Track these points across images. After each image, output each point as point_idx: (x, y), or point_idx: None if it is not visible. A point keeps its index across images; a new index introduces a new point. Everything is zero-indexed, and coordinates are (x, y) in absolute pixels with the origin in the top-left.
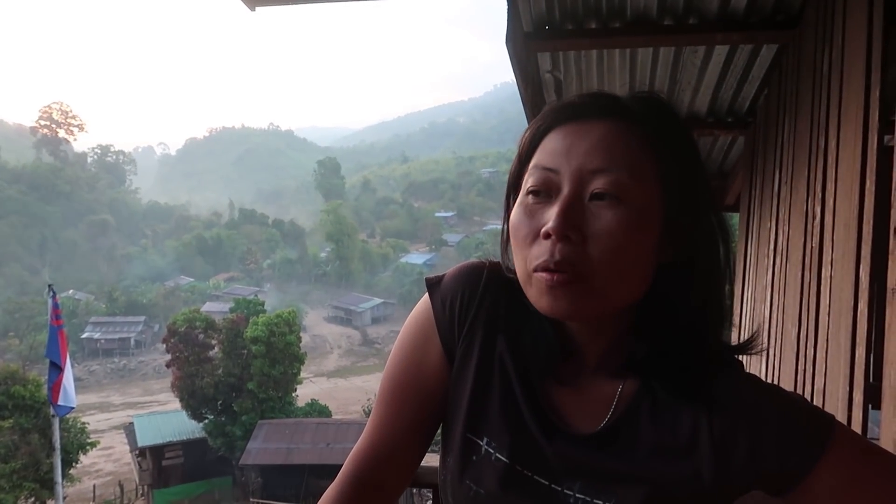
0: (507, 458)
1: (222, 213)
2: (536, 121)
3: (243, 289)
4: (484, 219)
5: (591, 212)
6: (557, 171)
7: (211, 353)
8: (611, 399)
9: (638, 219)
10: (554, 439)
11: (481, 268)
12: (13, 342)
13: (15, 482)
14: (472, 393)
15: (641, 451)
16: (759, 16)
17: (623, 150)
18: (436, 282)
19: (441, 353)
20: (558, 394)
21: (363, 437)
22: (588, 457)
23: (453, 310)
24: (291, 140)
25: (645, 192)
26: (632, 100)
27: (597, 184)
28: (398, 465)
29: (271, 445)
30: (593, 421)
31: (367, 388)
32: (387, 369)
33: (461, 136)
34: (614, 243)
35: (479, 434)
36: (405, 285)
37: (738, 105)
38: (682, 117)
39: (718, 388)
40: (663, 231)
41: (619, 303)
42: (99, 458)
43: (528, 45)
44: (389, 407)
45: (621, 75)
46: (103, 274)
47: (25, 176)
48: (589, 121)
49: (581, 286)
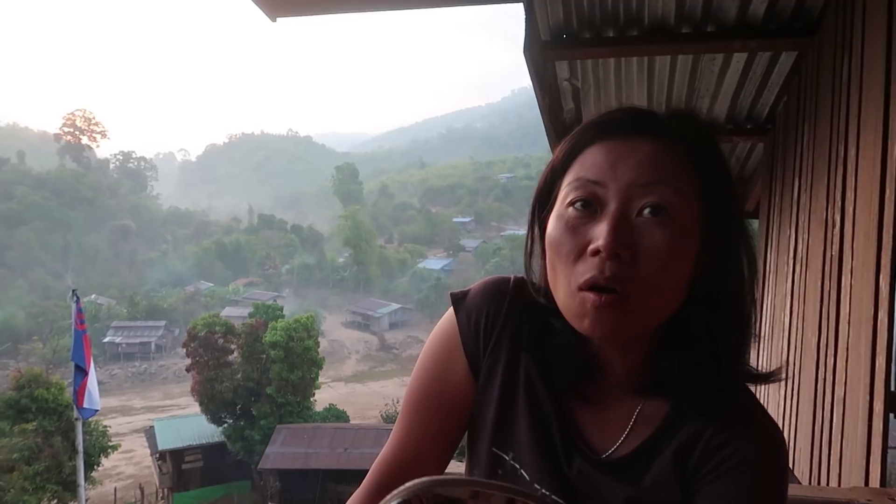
0: (528, 475)
1: (242, 219)
2: (575, 134)
3: (262, 294)
4: (501, 224)
5: (640, 229)
6: (604, 185)
7: (230, 358)
8: (627, 420)
9: (683, 236)
10: (573, 459)
11: (506, 283)
12: (37, 346)
13: (38, 484)
14: (497, 408)
15: (648, 478)
16: (777, 23)
17: (669, 167)
18: (461, 297)
19: (466, 368)
20: (581, 412)
21: (387, 447)
22: (600, 479)
23: (478, 326)
24: (310, 146)
25: (688, 209)
26: (670, 118)
27: (647, 199)
28: (422, 474)
29: (289, 450)
30: (609, 442)
31: (385, 393)
32: (412, 381)
33: (479, 141)
34: (661, 262)
35: (505, 448)
36: (423, 290)
37: (757, 112)
38: (714, 136)
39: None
40: (700, 248)
41: (657, 321)
42: (120, 461)
43: (546, 54)
44: (414, 418)
45: (639, 83)
46: (125, 279)
47: (49, 182)
48: (633, 137)
49: (626, 306)
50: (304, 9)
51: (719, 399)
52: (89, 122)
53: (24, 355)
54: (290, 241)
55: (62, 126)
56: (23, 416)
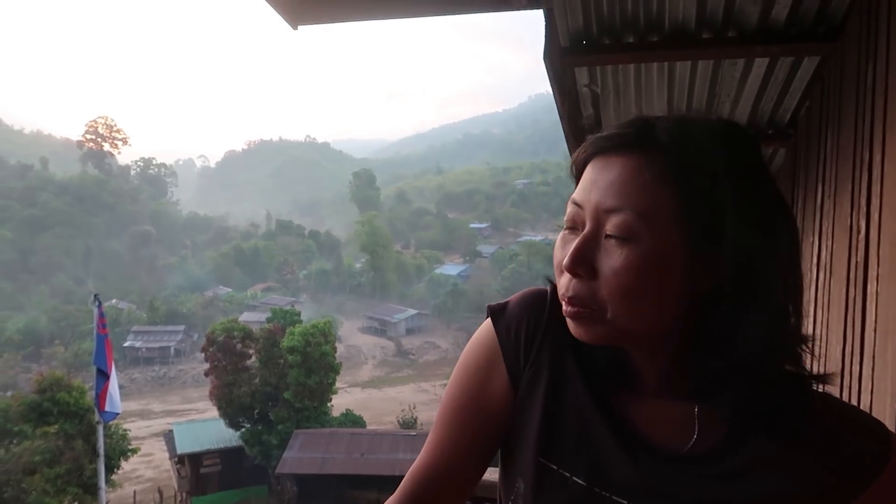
0: (583, 481)
1: (260, 225)
2: (579, 151)
3: (280, 299)
4: (518, 230)
5: (605, 249)
6: (582, 207)
7: (248, 363)
8: (690, 422)
9: (648, 258)
10: (638, 456)
11: (544, 293)
12: (59, 350)
13: (59, 486)
14: (542, 417)
15: (727, 476)
16: (799, 28)
17: (635, 187)
18: (499, 309)
19: (506, 379)
20: (633, 413)
21: (422, 456)
22: (673, 475)
23: (519, 337)
24: (328, 152)
25: (658, 230)
26: (664, 125)
27: (609, 223)
28: (456, 485)
29: (307, 455)
30: (677, 441)
31: (401, 398)
32: (448, 391)
33: (496, 147)
34: (620, 282)
35: (552, 457)
36: (439, 296)
37: (779, 117)
38: (728, 138)
39: (789, 414)
40: (692, 264)
41: (641, 332)
42: (139, 465)
43: (566, 60)
44: (449, 428)
45: (659, 89)
46: (145, 283)
47: (72, 188)
48: (612, 155)
49: (594, 316)
50: (326, 16)
51: (763, 404)
52: (111, 129)
53: (47, 359)
54: (308, 246)
55: (84, 133)
56: (45, 419)
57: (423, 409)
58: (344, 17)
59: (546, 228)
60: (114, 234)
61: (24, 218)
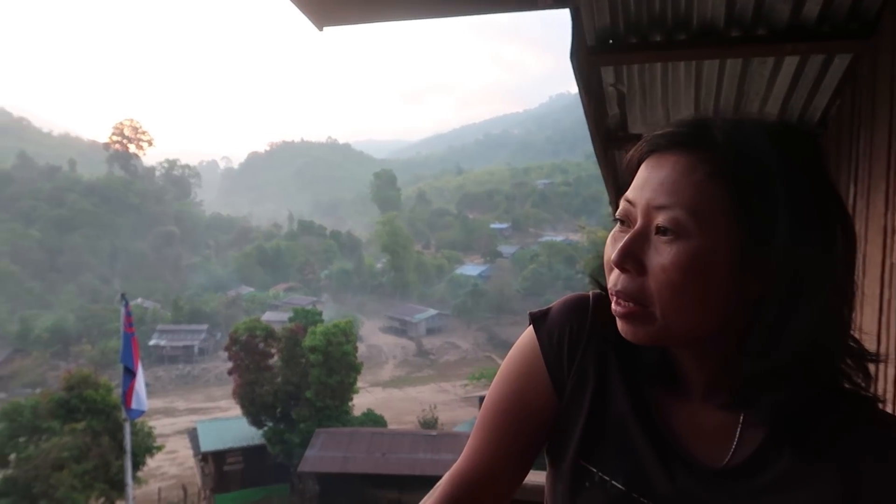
0: (622, 486)
1: (282, 225)
2: (634, 150)
3: (301, 299)
4: (539, 230)
5: (655, 246)
6: (634, 204)
7: (270, 362)
8: (731, 432)
9: (697, 256)
10: (673, 468)
11: (586, 299)
12: (86, 348)
13: (86, 482)
14: (586, 421)
15: (761, 492)
16: (831, 24)
17: (687, 185)
18: (541, 316)
19: (549, 386)
20: (675, 420)
21: (461, 461)
22: (708, 491)
23: (562, 344)
24: (349, 153)
25: (708, 229)
26: (720, 127)
27: (658, 220)
28: (495, 489)
29: (328, 454)
30: (715, 453)
31: (422, 398)
32: (489, 396)
33: (516, 147)
34: (669, 279)
35: (592, 461)
36: (459, 296)
37: (809, 116)
38: (784, 140)
39: (849, 439)
40: (742, 264)
41: (688, 333)
42: (164, 462)
43: (592, 60)
44: (490, 433)
45: (686, 88)
46: (169, 283)
47: (98, 189)
48: (665, 153)
49: (644, 316)
50: (351, 17)
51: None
52: (136, 131)
53: (74, 357)
54: (329, 246)
55: (111, 135)
56: (72, 415)
57: (443, 410)
58: (369, 18)
59: (567, 229)
60: (139, 234)
61: (52, 218)
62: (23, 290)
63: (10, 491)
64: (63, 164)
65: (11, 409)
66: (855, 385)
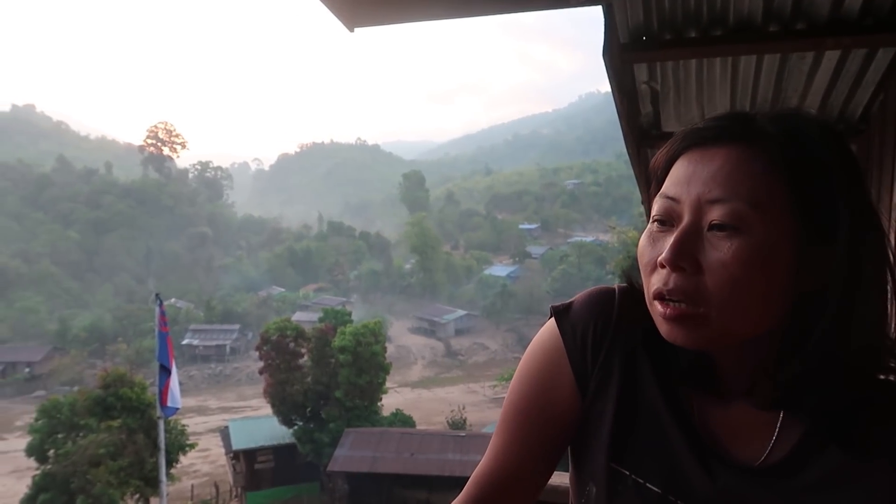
0: (658, 488)
1: (312, 226)
2: (667, 146)
3: (331, 299)
4: (568, 231)
5: (710, 242)
6: (679, 201)
7: (301, 362)
8: (770, 430)
9: (759, 250)
10: (711, 467)
11: (612, 292)
12: (121, 347)
13: (122, 479)
14: (614, 421)
15: (805, 489)
16: (874, 18)
17: (744, 177)
18: (563, 309)
19: (573, 383)
20: (710, 419)
21: (485, 461)
22: (749, 489)
23: (586, 339)
24: (378, 154)
25: (770, 221)
26: (768, 119)
27: (714, 214)
28: (520, 489)
29: (357, 453)
30: (753, 451)
31: (450, 399)
32: (511, 394)
33: (545, 147)
34: (731, 275)
35: (625, 463)
36: (488, 297)
37: (850, 112)
38: (834, 133)
39: (876, 425)
40: (799, 259)
41: (743, 334)
42: (196, 459)
43: (625, 57)
44: (513, 432)
45: (722, 85)
46: (202, 283)
47: (134, 191)
48: (712, 147)
49: (696, 317)
50: (382, 18)
51: (859, 419)
52: (170, 134)
53: (110, 355)
54: (359, 247)
55: (146, 138)
56: (109, 413)
57: (472, 410)
58: (400, 19)
59: (597, 229)
60: (172, 235)
61: (89, 220)
62: (61, 289)
63: (49, 486)
64: (100, 167)
65: (50, 407)
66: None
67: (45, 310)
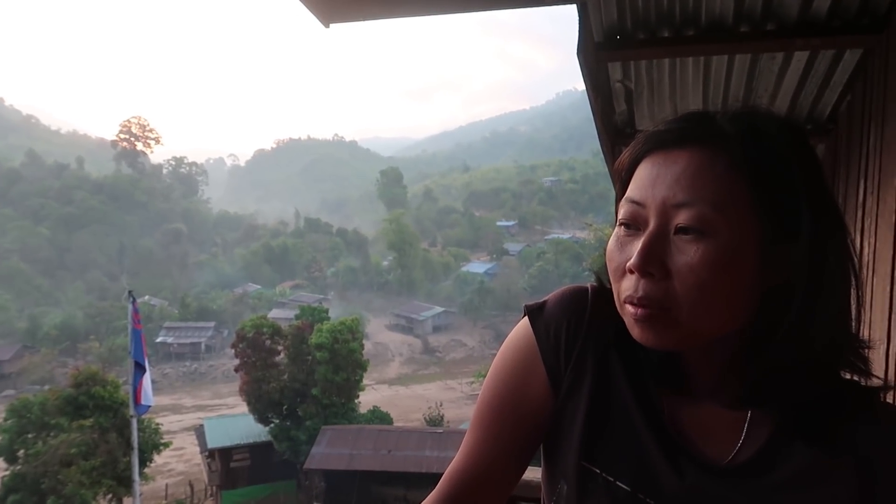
0: (628, 486)
1: (288, 223)
2: (629, 148)
3: (308, 296)
4: (545, 228)
5: (676, 246)
6: (644, 205)
7: (277, 359)
8: (738, 429)
9: (725, 252)
10: (680, 465)
11: (585, 291)
12: (94, 345)
13: (94, 478)
14: (586, 420)
15: (773, 488)
16: (842, 19)
17: (707, 180)
18: (537, 308)
19: (545, 381)
20: (681, 418)
21: (458, 459)
22: (718, 487)
23: (559, 338)
24: (355, 150)
25: (734, 222)
26: (727, 119)
27: (679, 218)
28: (493, 487)
29: (334, 451)
30: (722, 450)
31: (428, 396)
32: (484, 392)
33: (522, 145)
34: (699, 279)
35: (596, 462)
36: (466, 294)
37: (819, 112)
38: (793, 130)
39: (860, 431)
40: (764, 257)
41: (711, 333)
42: (171, 458)
43: (599, 55)
44: (486, 430)
45: (694, 84)
46: (176, 280)
47: (106, 187)
48: (675, 149)
49: (666, 320)
50: (358, 14)
51: (825, 415)
52: (144, 129)
53: (82, 354)
54: (336, 244)
55: (119, 133)
56: (80, 412)
57: (449, 407)
58: (376, 15)
59: (574, 226)
60: (146, 231)
61: (60, 216)
62: (31, 287)
63: (19, 487)
64: (71, 162)
65: (20, 406)
66: (863, 377)
67: (15, 307)
